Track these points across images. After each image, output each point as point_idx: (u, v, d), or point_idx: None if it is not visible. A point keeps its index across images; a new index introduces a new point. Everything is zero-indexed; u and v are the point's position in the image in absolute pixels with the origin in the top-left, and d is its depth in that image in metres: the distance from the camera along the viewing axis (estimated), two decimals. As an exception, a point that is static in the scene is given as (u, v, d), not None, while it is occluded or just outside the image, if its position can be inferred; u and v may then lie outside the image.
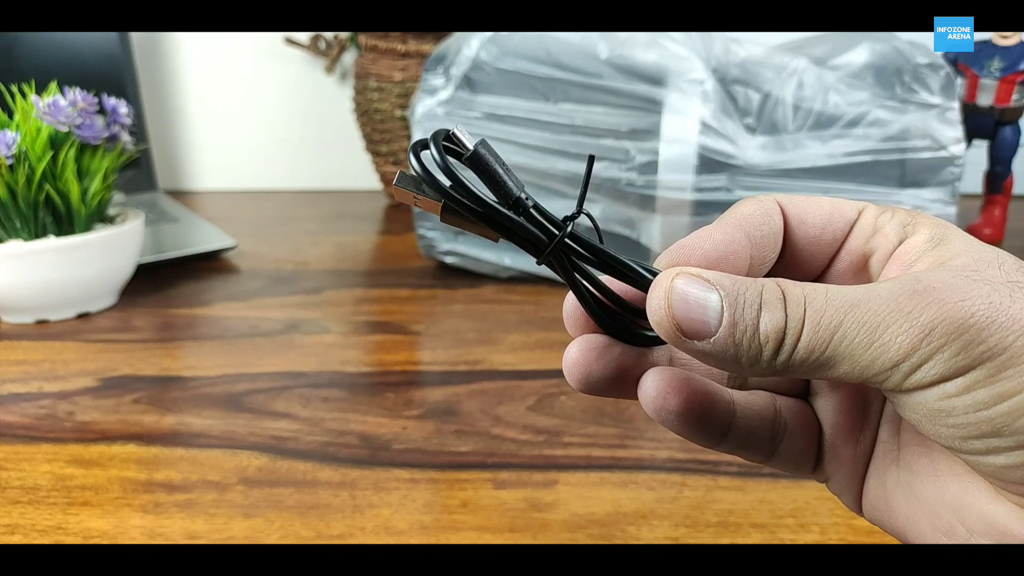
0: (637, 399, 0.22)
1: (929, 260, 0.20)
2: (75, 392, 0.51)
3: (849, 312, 0.18)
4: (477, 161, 0.20)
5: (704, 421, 0.21)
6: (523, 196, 0.21)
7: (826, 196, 0.23)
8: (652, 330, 0.22)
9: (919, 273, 0.18)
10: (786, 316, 0.18)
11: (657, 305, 0.19)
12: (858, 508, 0.23)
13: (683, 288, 0.19)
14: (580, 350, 0.22)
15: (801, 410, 0.23)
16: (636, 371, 0.22)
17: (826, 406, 0.23)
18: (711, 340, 0.18)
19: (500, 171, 0.20)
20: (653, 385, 0.21)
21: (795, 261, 0.22)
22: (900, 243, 0.21)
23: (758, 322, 0.18)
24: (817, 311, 0.18)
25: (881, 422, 0.23)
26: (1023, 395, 0.17)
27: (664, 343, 0.22)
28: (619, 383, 0.22)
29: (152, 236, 0.81)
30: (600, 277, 0.22)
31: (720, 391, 0.22)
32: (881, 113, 0.62)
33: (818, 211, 0.22)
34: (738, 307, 0.18)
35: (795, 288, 0.19)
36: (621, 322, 0.22)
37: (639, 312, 0.22)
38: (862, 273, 0.22)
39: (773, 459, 0.23)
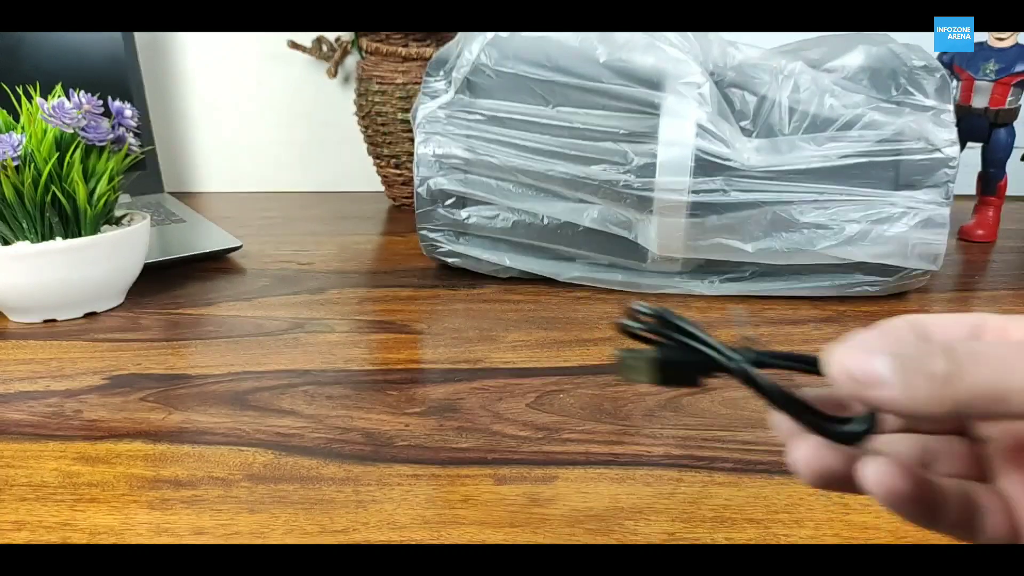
0: (857, 491, 0.23)
1: None
2: (82, 390, 0.52)
3: (1018, 353, 0.20)
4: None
5: (928, 503, 0.23)
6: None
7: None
8: (857, 427, 0.23)
9: None
10: (957, 353, 0.20)
11: (831, 362, 0.21)
12: None
13: (851, 349, 0.21)
14: (812, 447, 0.23)
15: (996, 495, 0.25)
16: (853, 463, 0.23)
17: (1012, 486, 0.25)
18: (886, 389, 0.20)
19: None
20: (879, 471, 0.22)
21: None
22: None
23: (928, 364, 0.20)
24: (985, 350, 0.20)
25: None
26: None
27: (871, 434, 0.24)
28: (849, 474, 0.23)
29: (158, 237, 0.82)
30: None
31: (932, 477, 0.23)
32: (876, 115, 0.63)
33: (944, 322, 0.24)
34: (900, 359, 0.20)
35: (959, 343, 0.21)
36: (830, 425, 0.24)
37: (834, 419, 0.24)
38: None
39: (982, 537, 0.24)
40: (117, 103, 0.64)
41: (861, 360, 0.21)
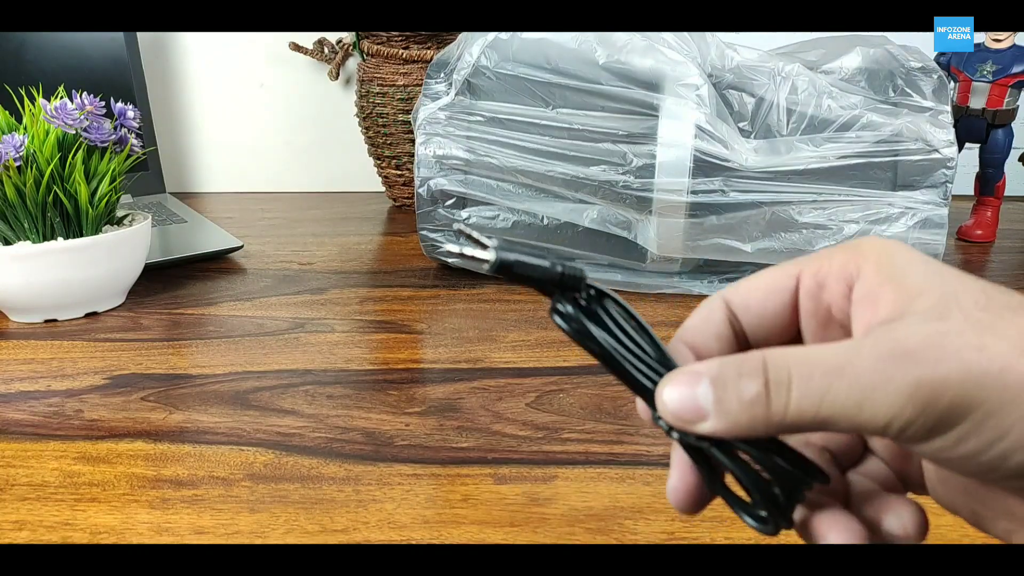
0: None
1: (890, 306, 0.20)
2: (83, 390, 0.52)
3: (836, 378, 0.19)
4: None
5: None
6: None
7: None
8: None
9: (895, 333, 0.19)
10: (767, 380, 0.20)
11: (659, 407, 0.21)
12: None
13: (673, 387, 0.21)
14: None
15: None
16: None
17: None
18: (709, 420, 0.20)
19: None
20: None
21: (764, 340, 0.24)
22: (850, 288, 0.22)
23: (742, 393, 0.20)
24: (804, 376, 0.19)
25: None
26: (1008, 439, 0.19)
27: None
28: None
29: (160, 237, 0.82)
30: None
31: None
32: (874, 116, 0.63)
33: (755, 294, 0.24)
34: (719, 384, 0.20)
35: (778, 355, 0.20)
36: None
37: None
38: (831, 325, 0.23)
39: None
40: (119, 104, 0.64)
41: (686, 397, 0.21)
